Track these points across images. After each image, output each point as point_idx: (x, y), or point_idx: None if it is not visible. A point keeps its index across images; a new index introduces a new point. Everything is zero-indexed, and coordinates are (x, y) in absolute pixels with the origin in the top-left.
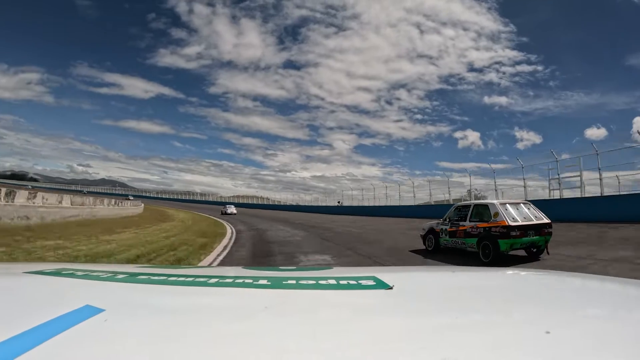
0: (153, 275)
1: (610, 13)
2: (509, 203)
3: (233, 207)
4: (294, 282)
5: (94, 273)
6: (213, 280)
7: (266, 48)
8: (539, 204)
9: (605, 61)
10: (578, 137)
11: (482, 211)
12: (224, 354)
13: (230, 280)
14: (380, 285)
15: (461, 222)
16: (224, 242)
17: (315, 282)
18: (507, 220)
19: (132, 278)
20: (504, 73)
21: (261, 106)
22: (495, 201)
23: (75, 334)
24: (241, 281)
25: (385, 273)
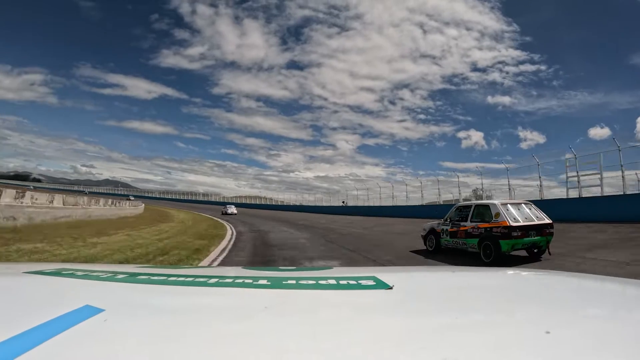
0: (153, 275)
1: (613, 12)
2: (510, 203)
3: (233, 207)
4: (294, 282)
5: (94, 273)
6: (213, 280)
7: (269, 48)
8: (556, 204)
9: (608, 60)
10: (582, 137)
11: (483, 211)
12: (224, 354)
13: (230, 280)
14: (380, 285)
15: (462, 223)
16: (222, 245)
17: (315, 282)
18: (509, 220)
19: (132, 278)
20: (507, 73)
21: (264, 106)
22: (496, 201)
23: (75, 334)
24: (241, 281)
25: (385, 273)
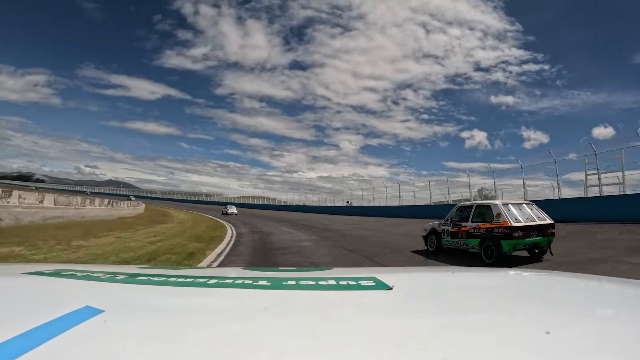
0: (153, 276)
1: (616, 11)
2: (512, 203)
3: (234, 208)
4: (294, 283)
5: (94, 274)
6: (213, 281)
7: (272, 49)
8: (573, 203)
9: (612, 60)
10: (585, 137)
11: (485, 212)
12: (224, 355)
13: (230, 281)
14: (380, 285)
15: (463, 223)
16: (219, 249)
17: (315, 283)
18: (510, 220)
19: (132, 279)
20: (511, 72)
21: (267, 107)
22: (497, 201)
23: (74, 335)
24: (241, 282)
25: (385, 273)
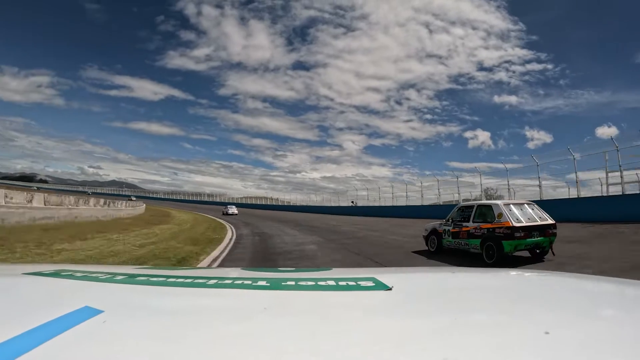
0: (152, 276)
1: (620, 10)
2: (513, 204)
3: (234, 208)
4: (293, 284)
5: (93, 274)
6: (212, 281)
7: (275, 49)
8: (593, 203)
9: (615, 59)
10: (589, 136)
11: (486, 212)
12: (223, 355)
13: (229, 281)
14: (379, 286)
15: (464, 223)
16: (215, 253)
17: (314, 283)
18: (511, 221)
19: (131, 279)
20: (514, 72)
21: (271, 107)
22: (499, 202)
23: (74, 335)
24: (240, 282)
25: (384, 274)
